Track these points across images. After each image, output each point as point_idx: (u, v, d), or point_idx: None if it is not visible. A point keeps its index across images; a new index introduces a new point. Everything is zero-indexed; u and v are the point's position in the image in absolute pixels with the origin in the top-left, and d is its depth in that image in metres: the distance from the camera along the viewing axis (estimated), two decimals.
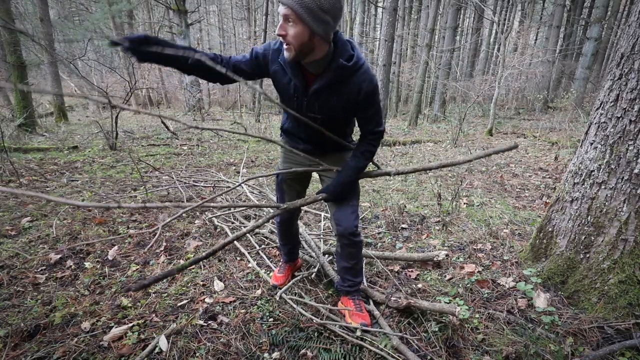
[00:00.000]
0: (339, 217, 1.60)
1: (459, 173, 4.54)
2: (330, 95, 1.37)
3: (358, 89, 1.35)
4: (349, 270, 1.72)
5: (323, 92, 1.37)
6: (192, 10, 12.39)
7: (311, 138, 1.57)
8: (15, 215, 2.87)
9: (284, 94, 1.46)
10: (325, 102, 1.39)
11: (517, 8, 19.03)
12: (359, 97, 1.37)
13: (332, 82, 1.34)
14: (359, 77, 1.34)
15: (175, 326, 1.62)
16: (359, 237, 1.64)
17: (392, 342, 1.50)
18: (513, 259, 2.16)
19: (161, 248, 2.41)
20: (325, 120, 1.45)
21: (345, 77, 1.34)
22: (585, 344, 1.51)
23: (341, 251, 1.69)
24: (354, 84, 1.35)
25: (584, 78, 11.48)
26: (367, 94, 1.37)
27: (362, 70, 1.35)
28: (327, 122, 1.46)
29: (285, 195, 1.79)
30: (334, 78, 1.33)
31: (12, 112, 7.63)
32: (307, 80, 1.38)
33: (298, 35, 1.21)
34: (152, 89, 14.93)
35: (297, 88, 1.39)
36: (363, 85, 1.35)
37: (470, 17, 20.46)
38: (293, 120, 1.58)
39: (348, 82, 1.35)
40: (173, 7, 10.90)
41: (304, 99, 1.41)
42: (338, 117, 1.46)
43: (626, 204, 1.60)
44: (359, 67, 1.34)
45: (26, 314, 1.70)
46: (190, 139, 7.17)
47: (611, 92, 1.67)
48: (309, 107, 1.42)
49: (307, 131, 1.55)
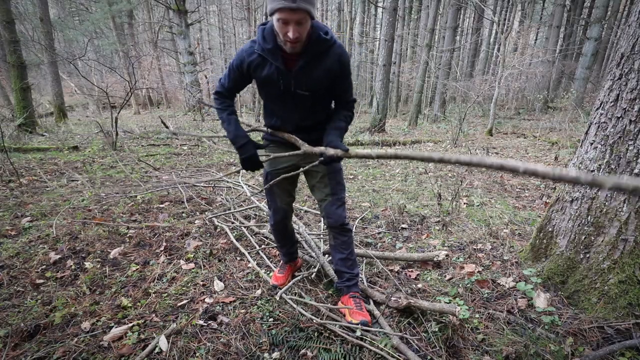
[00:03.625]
0: (329, 211, 1.69)
1: (459, 173, 4.54)
2: (315, 68, 1.47)
3: (338, 59, 1.47)
4: (344, 261, 1.75)
5: (307, 66, 1.45)
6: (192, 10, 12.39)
7: (298, 124, 1.62)
8: (16, 215, 2.87)
9: (269, 85, 1.52)
10: (310, 76, 1.48)
11: (517, 8, 19.02)
12: (338, 68, 1.49)
13: (315, 55, 1.45)
14: (336, 49, 1.47)
15: (175, 326, 1.62)
16: (349, 227, 1.74)
17: (392, 342, 1.50)
18: (513, 259, 2.16)
19: (161, 248, 2.41)
20: (311, 96, 1.53)
21: (324, 49, 1.45)
22: (585, 344, 1.51)
23: (334, 242, 1.75)
24: (333, 55, 1.47)
25: (584, 78, 11.48)
26: (344, 64, 1.50)
27: (337, 44, 1.48)
28: (314, 98, 1.54)
29: (276, 197, 1.80)
30: (317, 51, 1.44)
31: (12, 112, 7.64)
32: (288, 62, 1.46)
33: (306, 30, 1.35)
34: (152, 89, 14.94)
35: (280, 71, 1.46)
36: (341, 57, 1.48)
37: (470, 17, 20.46)
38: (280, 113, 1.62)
39: (328, 53, 1.46)
40: (173, 7, 10.91)
41: (290, 79, 1.48)
42: (323, 91, 1.54)
43: (626, 204, 1.60)
44: (334, 42, 1.46)
45: (26, 314, 1.70)
46: (190, 139, 7.17)
47: (611, 92, 1.67)
48: (297, 84, 1.49)
49: (293, 119, 1.60)
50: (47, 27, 8.66)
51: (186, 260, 2.28)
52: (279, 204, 1.80)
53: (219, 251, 2.40)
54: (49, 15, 9.17)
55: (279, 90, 1.50)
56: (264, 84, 1.53)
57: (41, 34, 8.91)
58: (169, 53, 16.09)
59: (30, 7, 14.32)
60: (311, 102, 1.55)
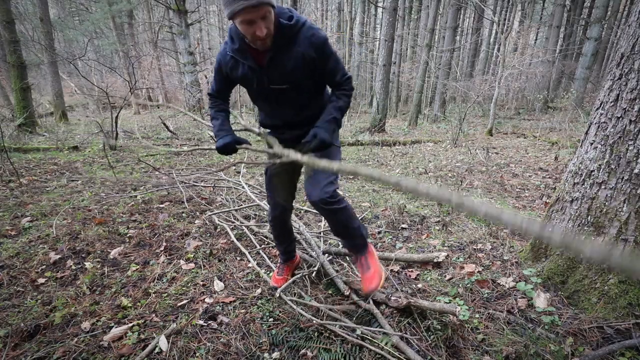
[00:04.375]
0: (307, 187, 1.55)
1: (459, 173, 4.54)
2: (285, 59, 1.39)
3: (309, 44, 1.37)
4: (341, 235, 1.67)
5: (276, 58, 1.38)
6: (192, 10, 12.38)
7: (287, 120, 1.58)
8: (16, 215, 2.87)
9: (246, 84, 1.49)
10: (283, 69, 1.40)
11: (517, 8, 19.03)
12: (313, 53, 1.38)
13: (281, 46, 1.36)
14: (305, 33, 1.37)
15: (175, 326, 1.62)
16: (337, 205, 1.53)
17: (392, 341, 1.50)
18: (513, 259, 2.16)
19: (161, 248, 2.41)
20: (291, 89, 1.46)
21: (290, 36, 1.36)
22: (585, 344, 1.51)
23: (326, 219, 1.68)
24: (303, 41, 1.36)
25: (584, 78, 11.48)
26: (319, 46, 1.38)
27: (306, 26, 1.37)
28: (295, 90, 1.47)
29: (275, 192, 1.76)
30: (281, 39, 1.35)
31: (12, 112, 7.64)
32: (258, 59, 1.41)
33: (272, 22, 1.27)
34: (152, 89, 14.93)
35: (252, 68, 1.42)
36: (312, 39, 1.36)
37: (470, 17, 20.46)
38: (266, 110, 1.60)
39: (296, 40, 1.37)
40: (173, 7, 10.90)
41: (263, 76, 1.43)
42: (302, 81, 1.45)
43: (626, 204, 1.60)
44: (301, 24, 1.37)
45: (26, 314, 1.70)
46: (190, 139, 7.17)
47: (611, 92, 1.67)
48: (271, 79, 1.43)
49: (281, 115, 1.57)
50: (47, 27, 8.66)
51: (186, 260, 2.28)
52: (278, 199, 1.77)
53: (219, 251, 2.40)
54: (49, 15, 9.17)
55: (256, 88, 1.47)
56: (242, 83, 1.51)
57: (41, 34, 8.91)
58: (169, 53, 16.09)
59: (30, 7, 14.32)
60: (294, 95, 1.49)
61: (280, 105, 1.53)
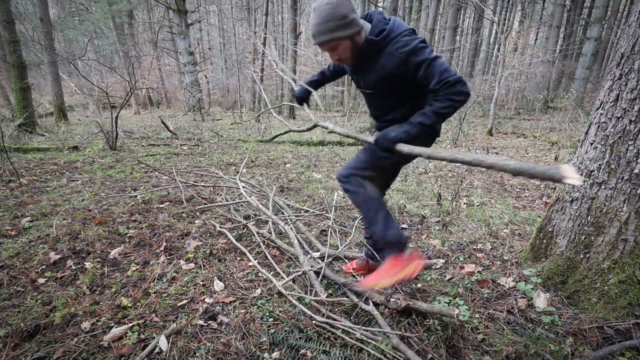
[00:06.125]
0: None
1: (459, 173, 4.54)
2: (369, 70, 1.54)
3: (391, 58, 1.42)
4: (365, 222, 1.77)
5: (363, 69, 1.56)
6: (192, 10, 12.39)
7: (375, 115, 1.78)
8: (16, 215, 2.87)
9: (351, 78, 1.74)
10: (367, 78, 1.58)
11: (517, 8, 19.02)
12: (395, 67, 1.43)
13: (366, 59, 1.51)
14: (391, 47, 1.42)
15: (175, 326, 1.62)
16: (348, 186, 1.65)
17: (392, 342, 1.50)
18: (513, 259, 2.16)
19: (161, 248, 2.41)
20: (375, 94, 1.64)
21: (376, 51, 1.47)
22: (585, 344, 1.51)
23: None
24: (387, 55, 1.44)
25: (584, 78, 11.48)
26: (402, 59, 1.40)
27: (395, 40, 1.41)
28: (378, 96, 1.64)
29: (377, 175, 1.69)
30: (367, 54, 1.48)
31: (12, 112, 7.64)
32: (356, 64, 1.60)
33: (346, 49, 1.46)
34: (152, 89, 14.93)
35: (352, 69, 1.65)
36: (395, 53, 1.41)
37: (470, 17, 20.46)
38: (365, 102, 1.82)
39: (380, 55, 1.46)
40: (173, 7, 10.91)
41: (359, 80, 1.65)
42: (385, 90, 1.58)
43: (626, 204, 1.60)
44: (391, 39, 1.42)
45: (26, 314, 1.70)
46: (190, 139, 7.17)
47: (611, 92, 1.67)
48: (360, 84, 1.66)
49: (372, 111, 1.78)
50: (47, 27, 8.65)
51: (186, 260, 2.28)
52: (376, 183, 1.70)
53: (219, 251, 2.40)
54: (49, 15, 9.17)
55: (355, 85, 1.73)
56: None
57: (41, 34, 8.91)
58: (169, 53, 16.10)
59: (30, 7, 14.33)
60: (378, 99, 1.67)
61: (369, 104, 1.76)
